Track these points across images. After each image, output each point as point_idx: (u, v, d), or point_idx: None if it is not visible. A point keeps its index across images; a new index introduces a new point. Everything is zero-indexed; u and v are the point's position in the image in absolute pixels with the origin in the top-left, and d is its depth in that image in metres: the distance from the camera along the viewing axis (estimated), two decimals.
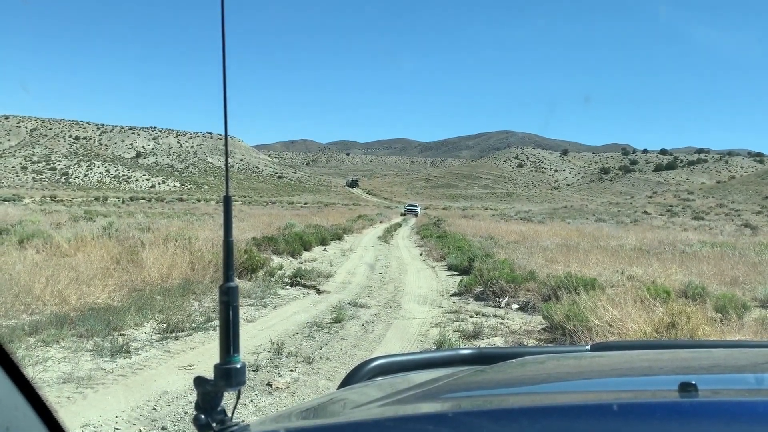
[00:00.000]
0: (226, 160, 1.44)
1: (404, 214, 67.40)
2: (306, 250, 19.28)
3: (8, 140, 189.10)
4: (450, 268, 16.45)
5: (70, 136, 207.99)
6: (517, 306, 10.78)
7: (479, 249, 17.80)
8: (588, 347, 1.71)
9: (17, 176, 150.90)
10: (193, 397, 4.61)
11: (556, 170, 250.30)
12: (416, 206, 76.45)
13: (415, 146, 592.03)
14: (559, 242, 21.75)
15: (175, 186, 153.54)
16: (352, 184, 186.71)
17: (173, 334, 7.90)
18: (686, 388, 0.92)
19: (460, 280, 13.16)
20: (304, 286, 12.65)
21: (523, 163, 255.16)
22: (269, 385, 5.95)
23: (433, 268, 17.36)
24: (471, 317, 9.96)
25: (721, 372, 1.21)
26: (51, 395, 5.22)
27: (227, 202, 1.26)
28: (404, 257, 20.41)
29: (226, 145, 1.39)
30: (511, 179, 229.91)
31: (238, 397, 1.26)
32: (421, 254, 21.45)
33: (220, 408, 1.13)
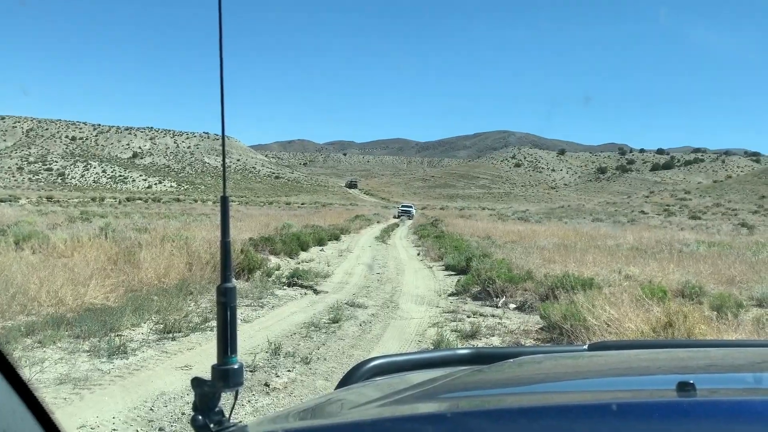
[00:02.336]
0: (224, 160, 1.42)
1: (398, 216, 61.38)
2: (303, 250, 19.18)
3: (4, 141, 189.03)
4: (447, 268, 16.41)
5: (67, 137, 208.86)
6: (515, 306, 10.78)
7: (477, 249, 17.80)
8: (585, 347, 1.71)
9: (13, 177, 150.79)
10: (190, 397, 4.60)
11: (553, 170, 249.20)
12: (411, 207, 69.32)
13: (413, 146, 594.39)
14: (557, 242, 21.71)
15: (171, 186, 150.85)
16: (351, 184, 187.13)
17: (170, 335, 7.89)
18: (684, 387, 0.92)
19: (458, 280, 13.10)
20: (302, 286, 12.61)
21: (520, 162, 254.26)
22: (266, 385, 5.96)
23: (431, 268, 17.30)
24: (468, 317, 9.94)
25: (718, 371, 1.21)
26: (48, 396, 5.22)
27: (224, 202, 1.24)
28: (402, 257, 20.32)
29: (223, 145, 1.38)
30: (509, 179, 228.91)
31: (235, 398, 1.25)
32: (418, 254, 21.40)
33: (217, 409, 1.13)
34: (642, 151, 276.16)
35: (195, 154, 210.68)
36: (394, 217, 60.79)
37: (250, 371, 6.39)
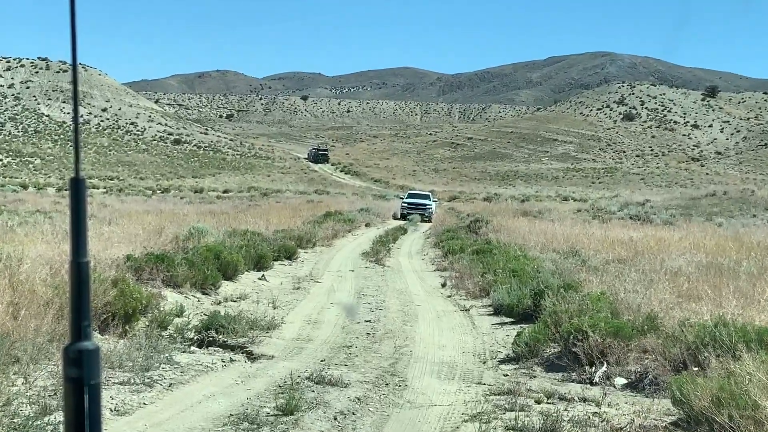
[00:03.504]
0: (75, 109, 1.07)
1: (405, 216, 44.41)
2: (228, 278, 14.42)
3: None
4: (498, 309, 12.59)
5: None
6: (625, 381, 8.12)
7: (553, 274, 13.64)
8: None
9: None
10: None
11: (695, 125, 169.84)
12: (429, 200, 48.69)
13: (432, 82, 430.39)
14: (704, 261, 16.39)
15: None
16: (318, 156, 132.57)
17: None
18: None
19: (518, 333, 9.92)
20: (225, 346, 9.26)
21: (633, 111, 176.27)
22: None
23: (467, 310, 13.19)
24: (538, 403, 7.42)
25: None
26: None
27: (77, 188, 0.96)
28: (412, 289, 15.95)
29: (74, 81, 1.03)
30: (613, 142, 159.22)
31: None
32: (443, 284, 16.83)
33: None
34: None
35: (24, 98, 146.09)
36: (398, 217, 44.77)
37: None
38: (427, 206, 45.52)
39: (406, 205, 45.94)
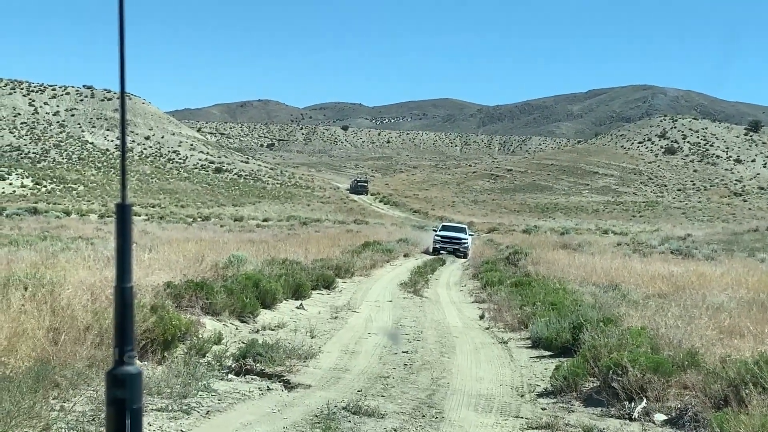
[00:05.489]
0: (122, 137, 1.10)
1: (436, 251, 41.76)
2: (266, 306, 14.33)
3: None
4: (537, 342, 12.50)
5: None
6: (665, 417, 7.96)
7: (592, 308, 13.40)
8: None
9: None
10: None
11: (738, 160, 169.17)
12: (465, 233, 44.45)
13: (472, 113, 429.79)
14: (746, 296, 16.09)
15: (23, 186, 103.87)
16: (358, 187, 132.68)
17: None
18: None
19: (557, 367, 9.78)
20: (262, 374, 9.16)
21: (676, 145, 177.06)
22: None
23: (505, 342, 13.19)
24: None
25: None
26: None
27: (123, 213, 1.04)
28: (450, 322, 15.83)
29: (122, 109, 1.04)
30: (654, 175, 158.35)
31: None
32: (481, 316, 16.76)
33: None
34: None
35: (68, 125, 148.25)
36: (430, 251, 41.33)
37: None
38: (463, 240, 41.59)
39: (438, 238, 42.09)
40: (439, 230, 44.34)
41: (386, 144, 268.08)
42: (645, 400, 8.51)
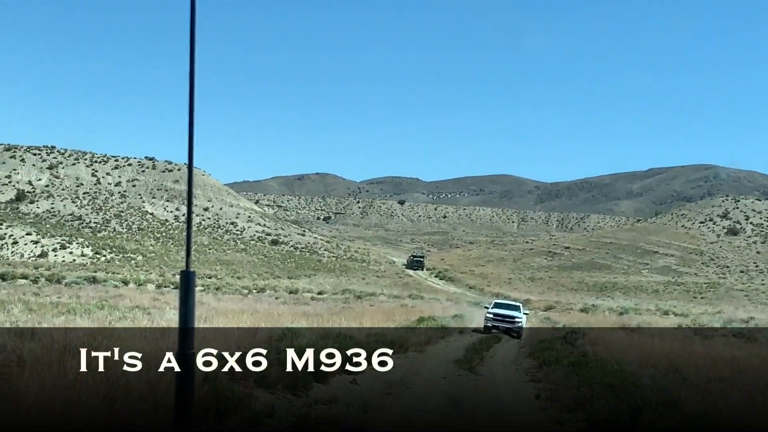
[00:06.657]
0: (189, 207, 0.95)
1: (489, 329, 38.98)
2: (319, 381, 13.80)
3: None
4: (594, 425, 11.37)
5: None
6: None
7: (651, 390, 12.76)
8: None
9: None
10: None
11: None
12: (519, 312, 41.38)
13: (530, 189, 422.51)
14: None
15: (84, 254, 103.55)
16: (415, 262, 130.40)
17: None
18: None
19: None
20: None
21: (738, 225, 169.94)
22: None
23: (562, 424, 12.26)
24: None
25: None
26: None
27: (187, 280, 0.83)
28: (506, 400, 15.08)
29: (189, 182, 0.95)
30: (716, 256, 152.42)
31: None
32: (538, 396, 16.00)
33: None
34: None
35: (129, 196, 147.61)
36: (480, 332, 38.11)
37: None
38: (516, 319, 38.63)
39: (491, 316, 39.16)
40: (492, 307, 41.24)
41: (443, 219, 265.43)
42: None
